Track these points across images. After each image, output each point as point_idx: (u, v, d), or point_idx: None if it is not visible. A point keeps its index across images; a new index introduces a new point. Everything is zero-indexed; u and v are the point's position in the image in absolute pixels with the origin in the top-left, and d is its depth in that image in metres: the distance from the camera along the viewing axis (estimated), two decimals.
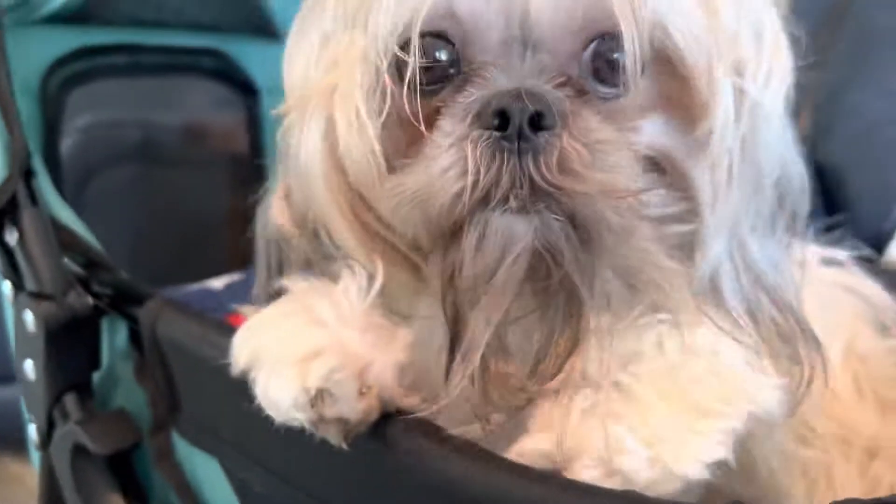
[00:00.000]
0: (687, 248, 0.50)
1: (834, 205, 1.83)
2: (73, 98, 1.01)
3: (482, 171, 0.44)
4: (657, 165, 0.49)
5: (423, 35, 0.46)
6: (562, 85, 0.46)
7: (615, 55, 0.47)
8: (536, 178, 0.44)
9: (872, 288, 0.70)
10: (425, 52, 0.47)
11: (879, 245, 1.74)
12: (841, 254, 0.72)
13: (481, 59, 0.48)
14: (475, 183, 0.44)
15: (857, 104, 1.86)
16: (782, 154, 0.52)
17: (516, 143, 0.44)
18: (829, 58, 1.91)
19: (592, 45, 0.48)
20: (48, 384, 0.68)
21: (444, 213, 0.46)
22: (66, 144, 1.04)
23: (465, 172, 0.44)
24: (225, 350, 0.53)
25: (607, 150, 0.45)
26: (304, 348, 0.47)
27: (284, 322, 0.51)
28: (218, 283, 0.91)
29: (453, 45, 0.48)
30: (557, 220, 0.45)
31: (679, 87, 0.49)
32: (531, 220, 0.45)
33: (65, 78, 0.99)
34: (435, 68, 0.48)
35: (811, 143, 1.90)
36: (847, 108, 1.86)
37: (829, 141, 1.90)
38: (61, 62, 0.97)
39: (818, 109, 1.91)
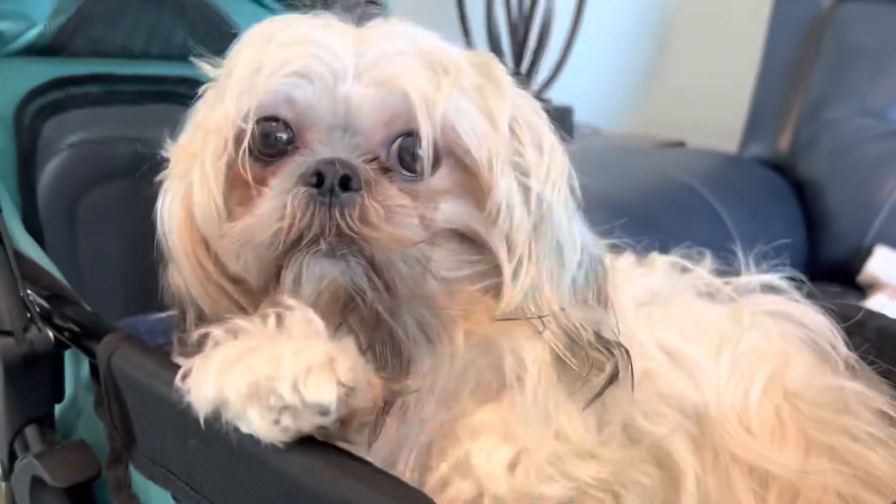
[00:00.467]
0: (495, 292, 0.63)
1: (814, 220, 1.85)
2: (55, 122, 1.03)
3: (297, 216, 0.57)
4: (464, 236, 0.63)
5: (266, 118, 0.61)
6: (370, 161, 0.60)
7: (415, 149, 0.61)
8: (342, 225, 0.57)
9: (811, 314, 0.71)
10: (266, 131, 0.62)
11: (859, 260, 1.76)
12: (780, 280, 0.74)
13: (310, 137, 0.61)
14: (290, 226, 0.57)
15: (837, 120, 1.87)
16: (583, 240, 0.65)
17: (328, 198, 0.57)
18: (810, 74, 1.93)
19: (399, 140, 0.62)
20: (8, 417, 0.69)
21: (264, 249, 0.58)
22: (56, 162, 1.06)
23: (282, 217, 0.57)
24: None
25: (398, 212, 0.58)
26: (322, 354, 0.52)
27: (275, 347, 0.53)
28: None
29: (291, 128, 0.62)
30: (360, 263, 0.57)
31: (469, 177, 0.63)
32: (338, 262, 0.57)
33: (39, 108, 1.00)
34: (276, 144, 0.62)
35: (792, 158, 1.93)
36: (827, 124, 1.88)
37: (810, 156, 1.92)
38: (35, 93, 0.99)
39: (799, 124, 1.93)
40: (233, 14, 1.09)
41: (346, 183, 0.57)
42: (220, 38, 1.08)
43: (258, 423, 0.51)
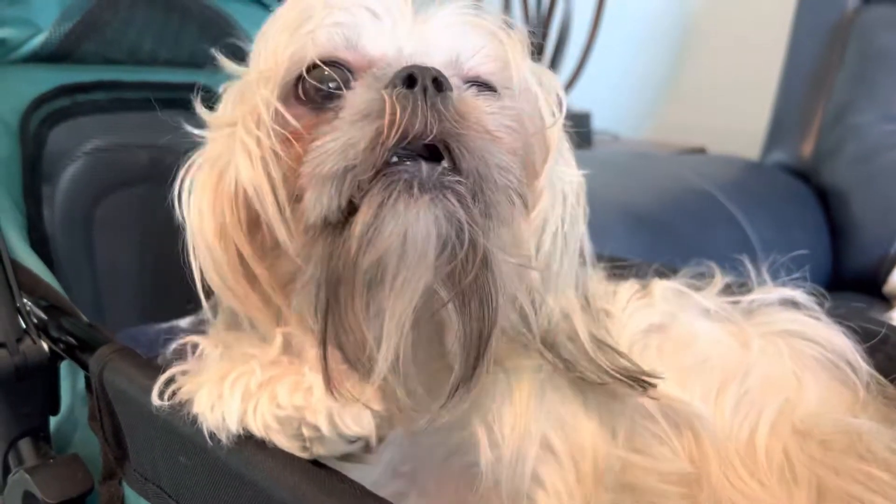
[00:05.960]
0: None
1: (838, 228, 1.80)
2: (63, 130, 1.02)
3: (398, 110, 0.50)
4: None
5: (323, 62, 0.56)
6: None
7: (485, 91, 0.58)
8: (442, 118, 0.51)
9: (829, 332, 0.67)
10: (321, 75, 0.56)
11: (884, 270, 1.71)
12: (799, 295, 0.71)
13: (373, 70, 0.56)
14: (392, 123, 0.50)
15: (861, 125, 1.83)
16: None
17: (423, 95, 0.51)
18: (833, 78, 1.88)
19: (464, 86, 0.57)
20: (1, 431, 0.68)
21: (363, 157, 0.50)
22: (73, 169, 1.06)
23: (382, 111, 0.50)
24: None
25: (487, 112, 0.54)
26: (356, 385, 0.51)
27: (298, 375, 0.53)
28: (184, 322, 0.91)
29: (349, 69, 0.57)
30: (455, 187, 0.50)
31: (524, 148, 0.59)
32: (431, 202, 0.49)
33: (45, 116, 0.99)
34: (332, 88, 0.56)
35: (815, 164, 1.88)
36: (852, 130, 1.83)
37: (833, 162, 1.87)
38: (41, 101, 0.98)
39: (823, 130, 1.89)
40: (240, 19, 1.08)
41: (437, 83, 0.52)
42: (228, 43, 1.08)
43: (282, 444, 0.51)
